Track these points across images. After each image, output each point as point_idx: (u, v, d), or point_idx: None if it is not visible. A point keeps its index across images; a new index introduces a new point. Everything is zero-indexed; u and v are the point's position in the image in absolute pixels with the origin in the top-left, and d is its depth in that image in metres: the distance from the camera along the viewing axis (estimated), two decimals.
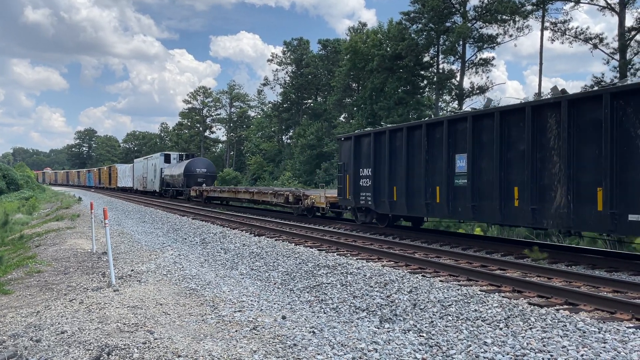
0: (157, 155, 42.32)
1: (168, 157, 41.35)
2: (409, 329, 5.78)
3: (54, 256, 11.99)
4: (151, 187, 42.90)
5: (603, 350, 4.55)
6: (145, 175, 45.39)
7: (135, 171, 50.49)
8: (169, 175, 38.00)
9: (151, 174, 43.03)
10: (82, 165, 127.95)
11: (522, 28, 35.63)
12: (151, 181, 42.95)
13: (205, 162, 37.13)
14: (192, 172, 34.75)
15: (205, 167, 36.00)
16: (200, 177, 34.82)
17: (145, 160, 46.27)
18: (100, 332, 5.72)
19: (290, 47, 62.39)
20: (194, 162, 35.93)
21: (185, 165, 35.09)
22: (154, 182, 41.96)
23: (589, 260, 9.39)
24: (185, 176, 34.67)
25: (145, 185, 44.79)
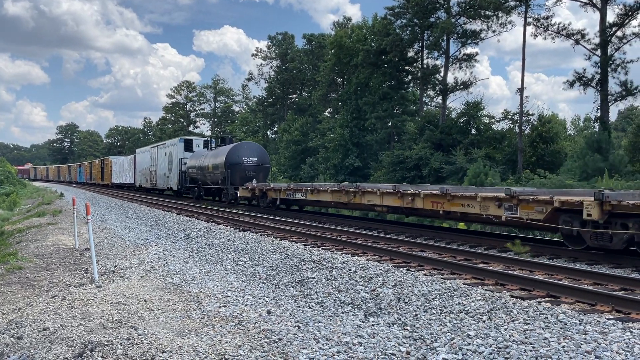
0: (173, 142, 31.80)
1: (189, 143, 30.68)
2: (394, 323, 5.82)
3: (36, 252, 11.84)
4: (163, 184, 33.06)
5: (584, 342, 4.62)
6: (153, 168, 35.47)
7: (138, 164, 40.52)
8: (196, 168, 27.37)
9: (163, 166, 32.91)
10: (64, 161, 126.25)
11: (505, 24, 35.94)
12: (164, 176, 32.89)
13: (255, 149, 25.23)
14: (238, 162, 23.91)
15: (256, 154, 24.66)
16: (250, 169, 24.06)
17: (154, 149, 35.83)
18: (83, 329, 5.66)
19: (275, 41, 62.20)
20: (239, 149, 24.43)
21: (228, 153, 23.98)
22: (168, 178, 31.87)
23: (570, 253, 9.52)
24: (229, 168, 23.67)
25: (154, 181, 34.99)
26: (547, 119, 34.26)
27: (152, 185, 35.96)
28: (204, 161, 26.37)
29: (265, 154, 25.65)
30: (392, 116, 41.99)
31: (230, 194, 23.61)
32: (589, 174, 24.79)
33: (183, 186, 29.81)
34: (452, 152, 32.87)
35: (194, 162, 28.00)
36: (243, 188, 21.98)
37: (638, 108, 52.27)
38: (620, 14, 29.03)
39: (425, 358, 4.66)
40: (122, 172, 47.37)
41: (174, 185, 30.81)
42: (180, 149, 30.25)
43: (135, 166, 41.71)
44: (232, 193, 23.37)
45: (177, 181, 30.25)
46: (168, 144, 33.12)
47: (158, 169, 34.33)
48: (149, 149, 37.96)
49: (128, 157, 47.05)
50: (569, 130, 53.75)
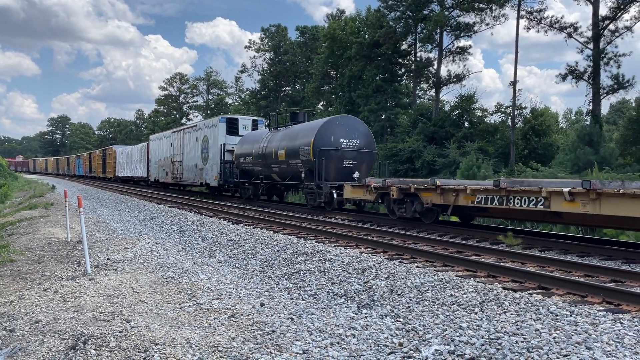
0: (210, 123, 24.97)
1: (234, 124, 23.89)
2: (386, 315, 5.85)
3: (28, 245, 11.78)
4: (194, 178, 26.12)
5: (575, 333, 4.66)
6: (177, 158, 28.70)
7: (153, 153, 33.95)
8: (252, 157, 20.41)
9: (194, 155, 26.19)
10: (56, 153, 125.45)
11: (499, 17, 35.91)
12: (194, 168, 26.02)
13: (357, 127, 17.35)
14: (334, 147, 16.49)
15: (359, 135, 17.10)
16: (350, 157, 16.78)
17: (178, 133, 29.00)
18: (76, 322, 5.65)
19: (268, 33, 61.93)
20: (334, 127, 16.77)
21: (318, 132, 16.51)
22: (202, 171, 24.96)
23: (562, 245, 9.59)
24: (321, 156, 16.13)
25: (178, 174, 28.14)
26: (540, 112, 34.39)
27: (176, 180, 29.06)
28: (267, 146, 19.30)
29: (370, 135, 17.63)
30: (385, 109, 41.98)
31: (325, 195, 15.95)
32: (580, 166, 24.91)
33: (227, 181, 22.84)
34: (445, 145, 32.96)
35: (246, 148, 21.13)
36: (356, 186, 14.64)
37: (630, 101, 52.56)
38: (613, 7, 29.09)
39: (418, 349, 4.69)
40: (130, 163, 40.51)
41: (211, 179, 23.83)
42: (221, 132, 23.38)
43: (148, 156, 35.16)
44: (328, 193, 15.88)
45: (216, 174, 23.23)
46: (201, 125, 25.98)
47: (185, 159, 27.56)
48: (170, 134, 30.96)
49: (138, 146, 39.67)
50: (561, 123, 54.04)
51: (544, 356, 4.22)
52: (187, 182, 27.80)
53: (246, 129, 23.95)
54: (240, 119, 24.54)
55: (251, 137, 21.77)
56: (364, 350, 4.76)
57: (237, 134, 23.63)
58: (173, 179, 29.55)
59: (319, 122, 17.36)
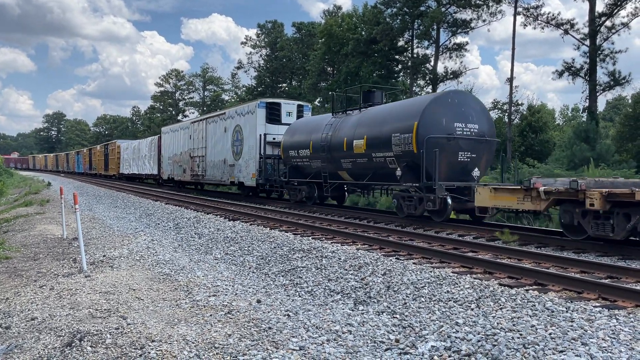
0: (245, 109, 20.58)
1: (275, 110, 19.83)
2: (383, 311, 5.85)
3: (23, 242, 11.74)
4: (222, 176, 22.27)
5: (570, 329, 4.67)
6: (197, 152, 24.84)
7: (165, 147, 30.17)
8: (312, 149, 16.32)
9: (221, 148, 22.35)
10: (51, 150, 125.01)
11: (496, 13, 35.95)
12: (222, 165, 22.20)
13: (474, 106, 13.11)
14: (448, 133, 12.31)
15: (477, 117, 12.87)
16: (467, 148, 12.59)
17: (200, 123, 25.04)
18: (72, 318, 5.64)
19: (265, 30, 61.77)
20: (445, 105, 12.58)
21: (424, 114, 12.22)
22: (232, 167, 21.13)
23: (558, 242, 9.61)
24: (428, 146, 11.94)
25: (201, 171, 24.34)
26: (537, 109, 34.47)
27: (196, 178, 25.31)
28: (334, 136, 15.19)
29: (490, 117, 13.45)
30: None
31: (436, 201, 11.64)
32: (576, 163, 24.99)
33: (268, 180, 18.90)
34: None
35: (299, 139, 17.04)
36: (506, 189, 10.26)
37: (626, 98, 52.69)
38: (609, 4, 29.14)
39: (414, 345, 4.70)
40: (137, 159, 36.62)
41: (247, 178, 19.93)
42: (260, 120, 19.32)
43: (160, 151, 31.24)
44: (441, 199, 11.64)
45: (254, 172, 19.29)
46: (231, 113, 21.73)
47: (209, 154, 23.64)
48: (189, 124, 27.09)
49: (147, 140, 36.12)
50: (557, 120, 54.15)
51: (540, 352, 4.23)
52: (211, 181, 23.82)
53: (290, 117, 19.84)
54: (284, 103, 20.29)
55: (305, 125, 17.45)
56: (361, 347, 4.76)
57: (279, 122, 19.51)
58: (193, 176, 25.45)
59: (424, 100, 12.77)
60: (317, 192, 16.94)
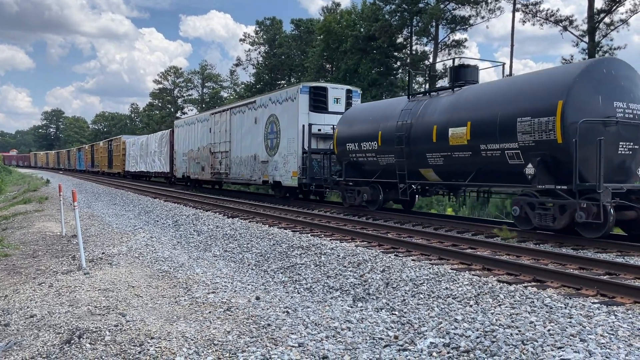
0: (284, 95, 17.63)
1: (321, 95, 16.96)
2: (382, 308, 5.86)
3: (22, 239, 11.74)
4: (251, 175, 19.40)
5: (569, 325, 4.68)
6: (220, 148, 22.13)
7: (179, 142, 27.69)
8: (380, 142, 13.38)
9: (252, 143, 19.39)
10: (50, 147, 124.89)
11: (494, 9, 35.95)
12: (251, 161, 19.45)
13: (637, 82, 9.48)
14: (606, 117, 8.92)
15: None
16: (629, 138, 9.21)
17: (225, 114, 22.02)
18: (71, 316, 5.64)
19: (263, 26, 61.65)
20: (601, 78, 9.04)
21: (573, 90, 8.82)
22: (265, 165, 18.38)
23: (556, 238, 9.62)
24: (583, 131, 8.60)
25: (224, 169, 21.63)
26: None
27: (218, 176, 22.48)
28: (415, 123, 12.23)
29: None
30: None
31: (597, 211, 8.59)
32: None
33: (314, 179, 16.19)
34: None
35: (360, 129, 14.17)
36: None
37: None
38: (608, 0, 29.11)
39: (413, 342, 4.71)
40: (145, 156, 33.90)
41: (285, 176, 17.11)
42: (303, 107, 16.50)
43: (172, 147, 28.75)
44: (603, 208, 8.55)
45: (295, 169, 16.53)
46: (264, 101, 18.79)
47: (234, 149, 20.82)
48: (208, 116, 24.04)
49: (157, 135, 33.30)
50: None
51: (538, 348, 4.24)
52: (237, 180, 20.84)
53: (338, 104, 17.00)
54: (330, 88, 17.24)
55: (369, 112, 14.44)
56: (360, 344, 4.77)
57: (325, 111, 16.72)
58: (214, 175, 22.75)
59: (569, 71, 9.49)
60: (382, 195, 13.66)
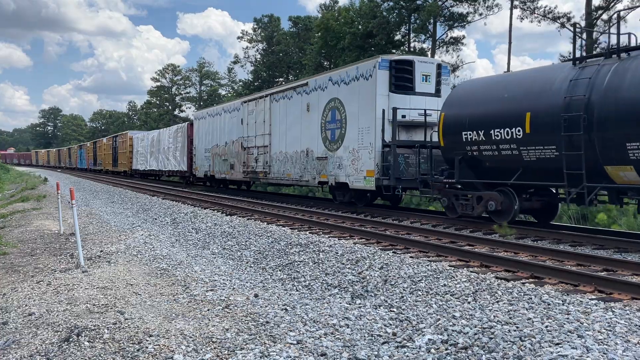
0: (352, 72, 14.24)
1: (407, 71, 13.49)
2: (380, 305, 5.87)
3: (20, 238, 11.72)
4: (300, 174, 16.30)
5: (566, 322, 4.70)
6: (258, 142, 18.85)
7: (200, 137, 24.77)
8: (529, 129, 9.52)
9: (303, 135, 16.22)
10: (47, 145, 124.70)
11: (492, 7, 35.89)
12: (301, 157, 16.27)
13: None
14: None
15: None
16: None
17: (262, 102, 18.78)
18: (69, 314, 5.64)
19: (261, 24, 61.54)
20: None
21: None
22: (323, 163, 15.22)
23: (554, 235, 9.64)
24: None
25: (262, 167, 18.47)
26: None
27: (253, 176, 19.29)
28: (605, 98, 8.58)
29: None
30: None
31: None
32: None
33: (401, 180, 12.96)
34: None
35: (485, 109, 10.71)
36: None
37: None
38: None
39: (411, 339, 4.72)
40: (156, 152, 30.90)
41: (357, 177, 13.75)
42: (381, 87, 13.21)
43: (190, 142, 25.99)
44: None
45: (371, 168, 13.23)
46: (321, 82, 15.46)
47: (276, 142, 17.65)
48: (239, 104, 20.80)
49: (171, 129, 30.15)
50: None
51: (536, 345, 4.25)
52: (280, 180, 17.48)
53: (427, 83, 13.64)
54: (418, 62, 13.65)
55: (502, 87, 10.61)
56: (358, 340, 4.77)
57: (410, 91, 13.36)
58: (248, 174, 19.42)
59: None
60: (517, 203, 10.29)
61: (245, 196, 20.25)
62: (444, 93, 13.76)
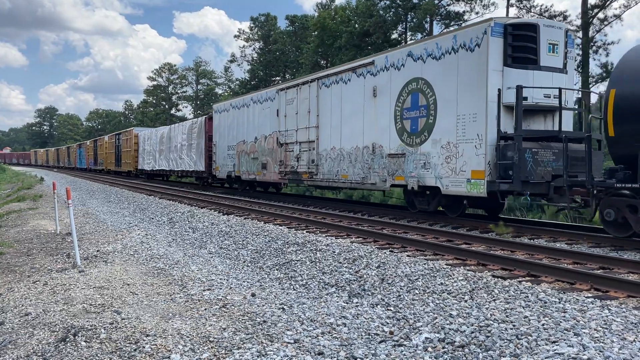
0: (453, 42, 10.89)
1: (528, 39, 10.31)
2: (377, 303, 5.87)
3: (16, 237, 11.68)
4: (364, 174, 13.34)
5: (563, 320, 4.71)
6: (300, 137, 16.27)
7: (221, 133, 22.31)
8: None
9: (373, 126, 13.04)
10: (44, 145, 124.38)
11: (489, 5, 35.96)
12: (365, 155, 13.32)
13: None
14: None
15: None
16: None
17: (304, 89, 16.16)
18: (66, 314, 5.63)
19: (257, 23, 61.49)
20: None
21: None
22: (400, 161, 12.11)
23: (551, 233, 9.67)
24: None
25: (307, 168, 15.92)
26: None
27: (294, 177, 16.62)
28: None
29: None
30: None
31: None
32: None
33: (527, 184, 9.85)
34: None
35: None
36: None
37: None
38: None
39: (408, 337, 4.72)
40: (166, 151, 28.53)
41: (457, 181, 10.71)
42: (493, 61, 10.31)
43: (208, 138, 23.65)
44: None
45: (480, 168, 10.23)
46: (395, 59, 12.52)
47: (326, 136, 15.05)
48: (274, 92, 18.07)
49: (185, 124, 27.11)
50: None
51: (532, 343, 4.26)
52: (333, 182, 14.72)
53: (555, 54, 10.67)
54: (542, 26, 10.59)
55: None
56: (355, 339, 4.78)
57: (533, 65, 10.43)
58: (286, 174, 16.90)
59: None
60: None
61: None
62: (570, 70, 11.13)
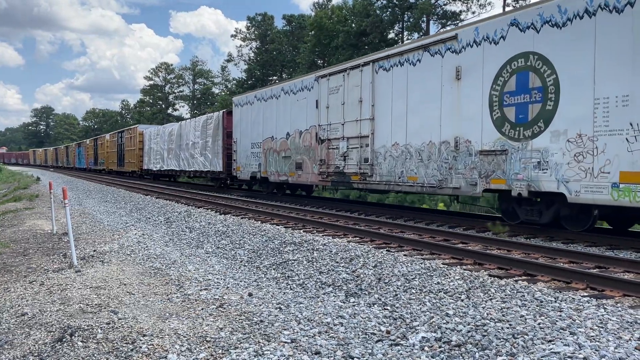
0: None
1: None
2: (374, 303, 5.88)
3: (12, 237, 11.65)
4: (442, 176, 11.02)
5: (559, 319, 4.73)
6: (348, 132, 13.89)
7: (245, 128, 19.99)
8: None
9: (453, 119, 10.80)
10: (40, 144, 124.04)
11: (485, 4, 36.07)
12: (440, 153, 11.07)
13: None
14: None
15: None
16: None
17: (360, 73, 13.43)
18: (63, 314, 5.62)
19: (254, 22, 61.47)
20: None
21: None
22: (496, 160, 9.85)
23: (547, 232, 9.69)
24: None
25: (360, 168, 13.44)
26: None
27: (338, 179, 14.49)
28: None
29: None
30: None
31: None
32: None
33: None
34: None
35: None
36: None
37: None
38: None
39: (405, 337, 4.73)
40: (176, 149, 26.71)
41: (597, 188, 8.27)
42: None
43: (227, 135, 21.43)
44: None
45: None
46: (489, 30, 10.03)
47: (383, 131, 12.91)
48: (312, 80, 15.86)
49: (198, 120, 24.75)
50: None
51: (529, 342, 4.27)
52: (396, 186, 12.61)
53: None
54: None
55: None
56: (352, 339, 4.79)
57: None
58: (329, 175, 14.82)
59: None
60: None
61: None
62: None
